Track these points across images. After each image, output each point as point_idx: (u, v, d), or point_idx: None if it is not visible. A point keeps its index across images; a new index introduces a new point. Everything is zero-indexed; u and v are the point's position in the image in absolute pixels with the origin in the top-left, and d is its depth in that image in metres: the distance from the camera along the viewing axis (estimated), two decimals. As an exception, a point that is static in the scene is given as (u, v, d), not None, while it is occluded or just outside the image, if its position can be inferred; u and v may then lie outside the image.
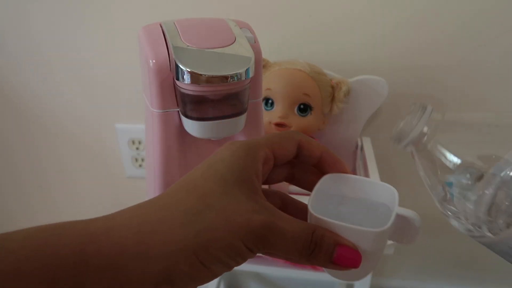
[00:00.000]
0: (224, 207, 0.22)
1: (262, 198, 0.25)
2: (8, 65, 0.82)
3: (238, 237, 0.22)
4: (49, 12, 0.75)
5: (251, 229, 0.22)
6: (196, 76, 0.38)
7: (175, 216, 0.22)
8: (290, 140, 0.28)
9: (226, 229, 0.22)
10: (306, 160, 0.29)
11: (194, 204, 0.22)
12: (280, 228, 0.23)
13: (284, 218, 0.24)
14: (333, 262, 0.24)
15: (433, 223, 0.86)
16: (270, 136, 0.27)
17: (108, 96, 0.82)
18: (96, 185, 0.95)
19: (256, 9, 0.69)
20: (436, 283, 0.94)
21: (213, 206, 0.22)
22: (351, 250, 0.24)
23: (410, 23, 0.66)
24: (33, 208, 1.01)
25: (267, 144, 0.27)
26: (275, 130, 0.63)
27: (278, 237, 0.23)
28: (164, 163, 0.47)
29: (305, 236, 0.24)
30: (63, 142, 0.90)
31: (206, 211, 0.22)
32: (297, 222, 0.24)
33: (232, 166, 0.24)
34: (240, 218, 0.22)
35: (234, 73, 0.38)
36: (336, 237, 0.24)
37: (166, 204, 0.23)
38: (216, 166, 0.25)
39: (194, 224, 0.21)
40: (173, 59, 0.39)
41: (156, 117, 0.44)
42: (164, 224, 0.21)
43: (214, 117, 0.41)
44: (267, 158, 0.26)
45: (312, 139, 0.29)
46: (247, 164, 0.25)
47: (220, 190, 0.23)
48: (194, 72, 0.38)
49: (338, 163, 0.29)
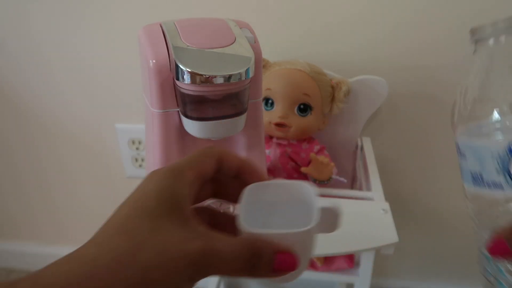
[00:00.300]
0: (156, 244, 0.21)
1: (194, 223, 0.24)
2: (8, 65, 0.82)
3: (177, 272, 0.21)
4: (49, 12, 0.75)
5: (189, 260, 0.22)
6: (196, 76, 0.38)
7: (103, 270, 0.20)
8: (210, 156, 0.27)
9: (163, 266, 0.21)
10: (227, 173, 0.28)
11: (125, 250, 0.21)
12: (218, 251, 0.22)
13: (220, 239, 0.23)
14: (274, 269, 0.24)
15: (433, 223, 0.86)
16: (191, 156, 0.27)
17: (108, 96, 0.82)
18: (96, 185, 0.95)
19: (256, 9, 0.69)
20: (436, 283, 0.94)
21: (145, 246, 0.21)
22: (289, 254, 0.24)
23: (410, 23, 0.66)
24: (33, 208, 1.01)
25: (190, 165, 0.26)
26: (275, 130, 0.63)
27: (219, 260, 0.23)
28: (164, 163, 0.46)
29: (245, 252, 0.23)
30: (63, 142, 0.90)
31: (138, 254, 0.21)
32: (233, 240, 0.24)
33: (159, 197, 0.23)
34: (175, 251, 0.21)
35: (234, 73, 0.38)
36: (273, 245, 0.24)
37: (95, 255, 0.21)
38: (142, 201, 0.24)
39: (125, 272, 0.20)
40: (173, 59, 0.39)
41: (156, 117, 0.44)
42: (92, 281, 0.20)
43: (214, 117, 0.41)
44: (193, 180, 0.26)
45: (230, 152, 0.28)
46: (174, 192, 0.24)
47: (150, 226, 0.22)
48: (194, 72, 0.38)
49: (256, 172, 0.29)
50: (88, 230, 1.01)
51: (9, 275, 1.09)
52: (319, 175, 0.62)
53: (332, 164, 0.62)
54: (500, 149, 0.27)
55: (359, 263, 0.58)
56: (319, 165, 0.62)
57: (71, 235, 1.04)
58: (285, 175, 0.66)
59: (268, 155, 0.65)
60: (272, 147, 0.66)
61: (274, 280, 0.26)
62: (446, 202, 0.83)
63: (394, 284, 0.96)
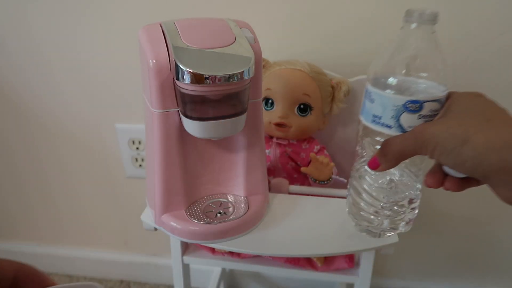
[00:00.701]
0: None
1: None
2: (8, 65, 0.82)
3: None
4: (49, 12, 0.75)
5: None
6: (196, 76, 0.38)
7: None
8: None
9: None
10: None
11: None
12: None
13: None
14: None
15: (433, 222, 0.86)
16: None
17: (108, 96, 0.82)
18: (96, 185, 0.95)
19: (256, 9, 0.69)
20: (436, 283, 0.94)
21: None
22: None
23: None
24: (33, 208, 1.01)
25: None
26: (275, 130, 0.63)
27: None
28: (164, 163, 0.47)
29: None
30: (63, 142, 0.90)
31: None
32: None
33: None
34: None
35: (234, 73, 0.38)
36: None
37: None
38: None
39: None
40: (173, 59, 0.39)
41: (156, 117, 0.44)
42: None
43: (214, 117, 0.41)
44: None
45: None
46: None
47: None
48: (194, 72, 0.38)
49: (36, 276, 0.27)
50: (88, 230, 1.01)
51: (9, 275, 1.09)
52: (319, 175, 0.62)
53: (332, 164, 0.62)
54: (399, 104, 0.38)
55: (359, 263, 0.58)
56: (319, 165, 0.62)
57: (71, 235, 1.04)
58: (285, 175, 0.66)
59: (268, 155, 0.65)
60: (272, 147, 0.66)
61: None
62: (446, 202, 0.83)
63: (394, 284, 0.96)
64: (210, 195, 0.53)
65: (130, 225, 0.99)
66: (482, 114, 0.33)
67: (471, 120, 0.33)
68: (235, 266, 0.61)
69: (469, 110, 0.35)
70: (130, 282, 1.06)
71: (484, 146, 0.31)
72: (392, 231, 0.49)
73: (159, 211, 0.49)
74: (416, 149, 0.36)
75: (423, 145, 0.35)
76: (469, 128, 0.32)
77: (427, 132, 0.34)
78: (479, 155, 0.31)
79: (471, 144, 0.31)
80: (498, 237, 0.85)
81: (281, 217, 0.54)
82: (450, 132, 0.33)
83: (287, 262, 0.59)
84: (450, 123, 0.34)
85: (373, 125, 0.42)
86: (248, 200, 0.52)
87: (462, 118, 0.34)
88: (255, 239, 0.50)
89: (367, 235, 0.50)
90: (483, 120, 0.33)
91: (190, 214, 0.49)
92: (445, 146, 0.33)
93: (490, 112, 0.34)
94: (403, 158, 0.37)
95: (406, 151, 0.37)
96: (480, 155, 0.31)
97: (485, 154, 0.31)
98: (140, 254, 1.03)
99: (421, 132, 0.35)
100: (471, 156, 0.31)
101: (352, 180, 0.50)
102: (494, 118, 0.33)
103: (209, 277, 0.91)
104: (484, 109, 0.34)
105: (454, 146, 0.32)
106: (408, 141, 0.36)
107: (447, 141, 0.33)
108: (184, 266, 0.61)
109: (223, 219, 0.49)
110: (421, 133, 0.35)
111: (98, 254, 1.04)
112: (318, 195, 0.59)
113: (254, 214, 0.51)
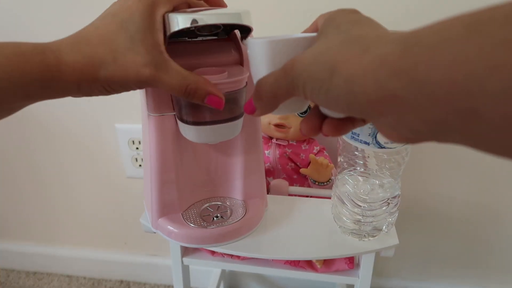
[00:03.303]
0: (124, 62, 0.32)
1: (159, 51, 0.33)
2: (7, 66, 0.82)
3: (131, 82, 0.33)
4: (49, 12, 0.74)
5: (139, 80, 0.33)
6: (186, 20, 0.35)
7: None
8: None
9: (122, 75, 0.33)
10: None
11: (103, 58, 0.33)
12: (162, 81, 0.33)
13: (169, 71, 0.33)
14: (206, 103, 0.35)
15: (433, 223, 0.86)
16: None
17: (108, 96, 0.81)
18: (96, 185, 0.95)
19: (256, 9, 0.69)
20: (436, 283, 0.94)
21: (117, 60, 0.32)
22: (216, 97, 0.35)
23: (411, 23, 0.65)
24: (33, 208, 1.01)
25: None
26: (274, 130, 0.63)
27: (161, 86, 0.34)
28: (160, 165, 0.46)
29: (183, 89, 0.34)
30: (63, 142, 0.90)
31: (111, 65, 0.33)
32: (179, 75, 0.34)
33: (138, 25, 0.33)
34: (132, 71, 0.32)
35: (223, 17, 0.38)
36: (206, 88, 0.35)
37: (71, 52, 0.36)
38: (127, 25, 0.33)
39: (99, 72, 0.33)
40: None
41: (152, 120, 0.43)
42: None
43: (211, 122, 0.40)
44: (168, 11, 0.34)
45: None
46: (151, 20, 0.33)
47: (127, 46, 0.32)
48: (185, 17, 0.35)
49: None
50: (88, 230, 1.01)
51: (9, 275, 1.10)
52: (318, 176, 0.62)
53: (332, 165, 0.62)
54: None
55: (359, 264, 0.58)
56: (319, 166, 0.61)
57: (71, 235, 1.04)
58: (285, 176, 0.66)
59: (268, 156, 0.65)
60: (272, 148, 0.65)
61: None
62: (447, 202, 0.82)
63: (394, 284, 0.95)
64: (208, 198, 0.53)
65: (130, 225, 0.99)
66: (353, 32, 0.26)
67: (340, 43, 0.25)
68: (235, 268, 0.61)
69: (340, 30, 0.27)
70: (130, 282, 1.06)
71: (356, 74, 0.23)
72: (376, 232, 0.51)
73: (156, 215, 0.49)
74: (289, 90, 0.28)
75: (294, 83, 0.27)
76: (337, 53, 0.24)
77: (296, 66, 0.27)
78: (350, 86, 0.23)
79: (340, 72, 0.24)
80: (498, 237, 0.85)
81: (280, 220, 0.53)
82: (317, 61, 0.25)
83: (287, 263, 0.59)
84: (318, 50, 0.26)
85: (352, 141, 0.45)
86: (246, 204, 0.52)
87: (331, 41, 0.26)
88: (253, 242, 0.50)
89: (352, 237, 0.52)
90: (353, 39, 0.25)
91: (187, 218, 0.49)
92: (314, 80, 0.25)
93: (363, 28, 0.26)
94: (279, 101, 0.30)
95: (279, 93, 0.29)
96: (351, 85, 0.23)
97: (358, 83, 0.22)
98: (140, 254, 1.03)
99: (291, 67, 0.27)
100: (343, 89, 0.24)
101: (335, 188, 0.52)
102: (367, 36, 0.24)
103: (209, 277, 0.91)
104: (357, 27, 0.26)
105: (323, 79, 0.25)
106: (281, 80, 0.28)
107: (315, 73, 0.25)
108: (184, 267, 0.61)
109: (220, 223, 0.48)
110: (291, 68, 0.27)
111: (98, 254, 1.04)
112: (317, 197, 0.59)
113: (252, 218, 0.50)
